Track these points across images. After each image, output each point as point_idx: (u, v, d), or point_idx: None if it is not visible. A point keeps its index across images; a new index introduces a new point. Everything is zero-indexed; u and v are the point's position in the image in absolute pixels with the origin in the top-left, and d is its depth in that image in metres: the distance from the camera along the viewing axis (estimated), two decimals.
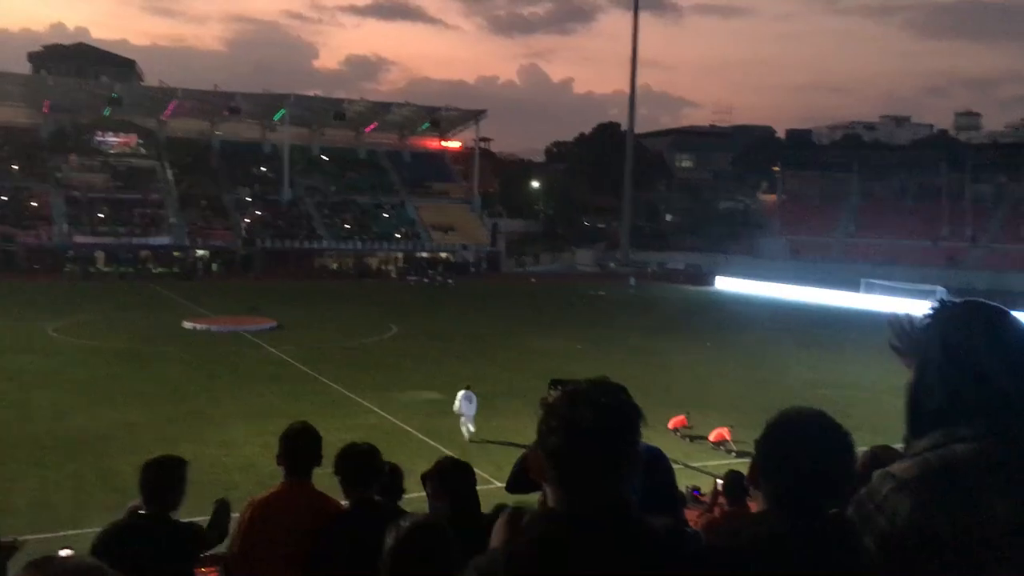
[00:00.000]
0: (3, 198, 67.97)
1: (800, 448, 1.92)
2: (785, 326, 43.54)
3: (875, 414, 16.00)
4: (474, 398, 20.01)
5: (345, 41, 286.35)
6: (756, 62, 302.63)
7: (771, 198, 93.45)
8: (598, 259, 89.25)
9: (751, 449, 2.08)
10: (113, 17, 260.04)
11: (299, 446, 4.35)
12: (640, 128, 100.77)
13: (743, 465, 10.29)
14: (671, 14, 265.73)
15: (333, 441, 4.41)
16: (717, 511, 8.64)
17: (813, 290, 59.34)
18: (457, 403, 19.91)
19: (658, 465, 3.75)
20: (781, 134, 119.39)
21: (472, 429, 19.63)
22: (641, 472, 1.77)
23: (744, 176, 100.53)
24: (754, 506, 2.13)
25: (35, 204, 68.82)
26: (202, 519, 4.74)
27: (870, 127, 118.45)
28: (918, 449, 1.72)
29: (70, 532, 11.19)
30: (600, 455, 1.67)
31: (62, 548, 4.45)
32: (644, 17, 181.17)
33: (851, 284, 58.72)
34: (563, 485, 1.71)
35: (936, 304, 1.83)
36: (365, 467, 4.34)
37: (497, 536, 2.24)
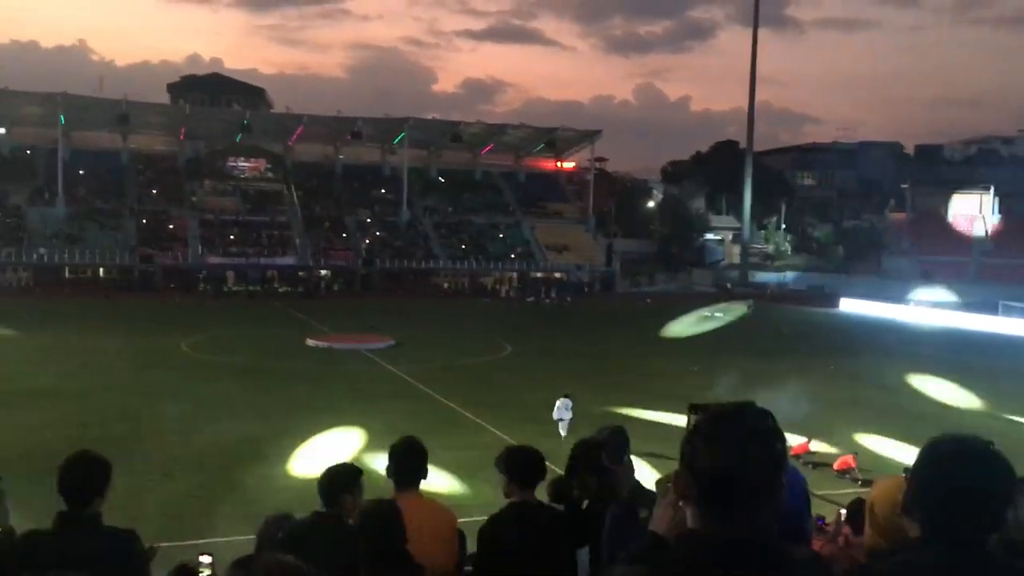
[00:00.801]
0: (143, 221, 72.02)
1: (960, 477, 1.83)
2: (915, 350, 41.54)
3: (1017, 443, 14.99)
4: (571, 405, 21.43)
5: (462, 65, 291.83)
6: (882, 76, 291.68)
7: (899, 216, 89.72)
8: (715, 280, 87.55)
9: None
10: (244, 48, 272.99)
11: (408, 460, 4.54)
12: (760, 145, 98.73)
13: (868, 494, 9.75)
14: (792, 29, 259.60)
15: (449, 460, 4.46)
16: (841, 541, 8.24)
17: (946, 312, 56.51)
18: (556, 409, 21.52)
19: (794, 490, 3.59)
20: (909, 150, 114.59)
21: (563, 434, 20.55)
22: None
23: (870, 194, 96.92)
24: (870, 537, 2.05)
25: (172, 227, 72.66)
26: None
27: (1008, 141, 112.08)
28: None
29: (199, 541, 11.59)
30: (747, 480, 1.66)
31: (201, 554, 4.59)
32: (764, 33, 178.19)
33: (988, 307, 55.66)
34: (707, 507, 1.71)
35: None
36: (535, 469, 4.53)
37: (661, 519, 2.16)
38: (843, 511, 8.53)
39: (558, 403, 21.70)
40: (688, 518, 1.76)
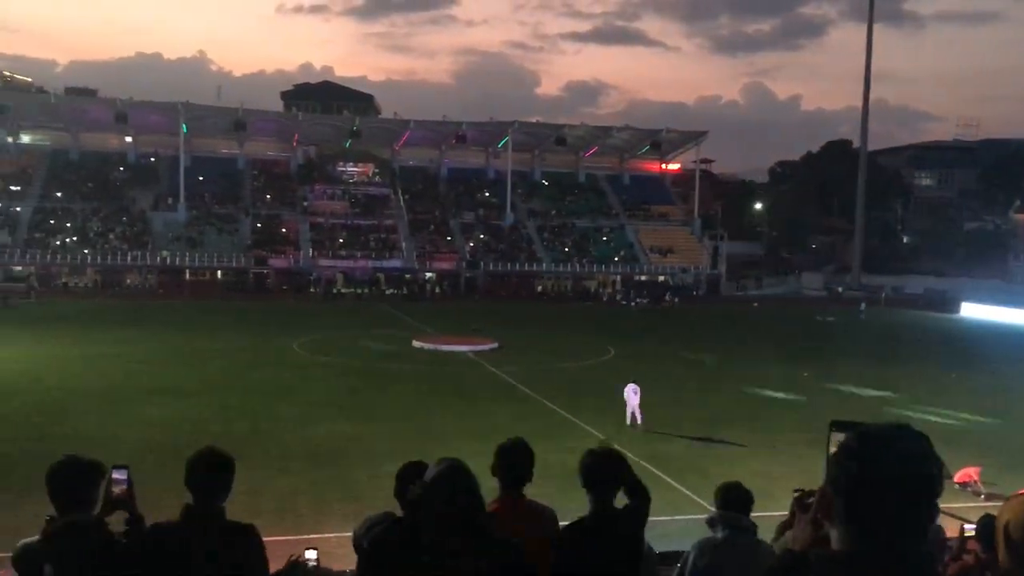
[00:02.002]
0: (258, 225, 74.76)
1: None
2: None
3: None
4: (639, 391, 22.95)
5: (566, 67, 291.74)
6: (1007, 71, 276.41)
7: None
8: (826, 283, 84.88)
9: (1003, 492, 1.90)
10: (354, 56, 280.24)
11: (515, 461, 4.49)
12: (874, 144, 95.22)
13: (994, 509, 9.28)
14: (910, 24, 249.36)
15: (554, 462, 4.47)
16: (971, 559, 7.86)
17: None
18: (625, 394, 23.11)
19: None
20: None
21: (630, 422, 22.85)
22: None
23: (993, 193, 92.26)
24: (1006, 562, 1.95)
25: (284, 230, 75.16)
26: None
27: None
28: None
29: (312, 536, 11.95)
30: (897, 502, 1.63)
31: (307, 548, 4.73)
32: (879, 28, 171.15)
33: None
34: (853, 528, 1.68)
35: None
36: (611, 475, 4.40)
37: (801, 536, 2.13)
38: (967, 526, 8.16)
39: (627, 388, 23.20)
40: (832, 539, 1.73)
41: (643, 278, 76.72)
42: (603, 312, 60.33)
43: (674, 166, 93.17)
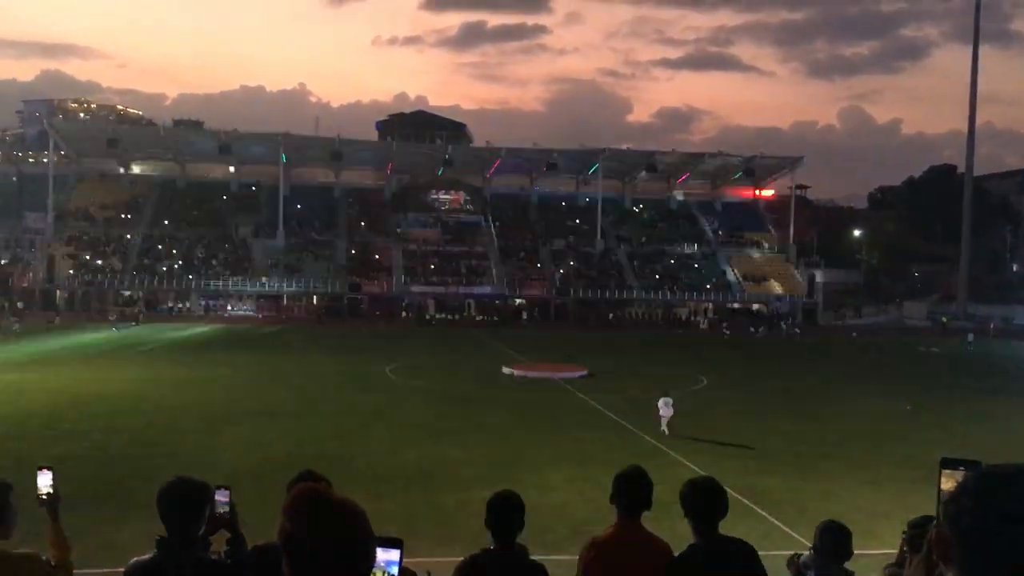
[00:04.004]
0: (352, 252, 76.47)
1: None
2: None
3: None
4: (671, 403, 24.64)
5: (658, 94, 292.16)
6: None
7: None
8: (930, 312, 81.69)
9: None
10: (447, 85, 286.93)
11: (635, 487, 4.61)
12: (981, 169, 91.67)
13: None
14: (1017, 44, 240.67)
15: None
16: None
17: None
18: (660, 406, 24.84)
19: None
20: None
21: (665, 430, 24.40)
22: None
23: None
24: None
25: (378, 257, 76.67)
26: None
27: None
28: None
29: (405, 560, 11.96)
30: (1021, 545, 1.53)
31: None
32: (986, 50, 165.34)
33: None
34: (971, 571, 1.58)
35: None
36: (716, 503, 4.44)
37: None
38: None
39: (660, 402, 24.88)
40: None
41: (736, 306, 75.33)
42: (696, 340, 59.36)
43: (768, 192, 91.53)
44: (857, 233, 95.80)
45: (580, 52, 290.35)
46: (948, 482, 1.94)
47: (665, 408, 24.85)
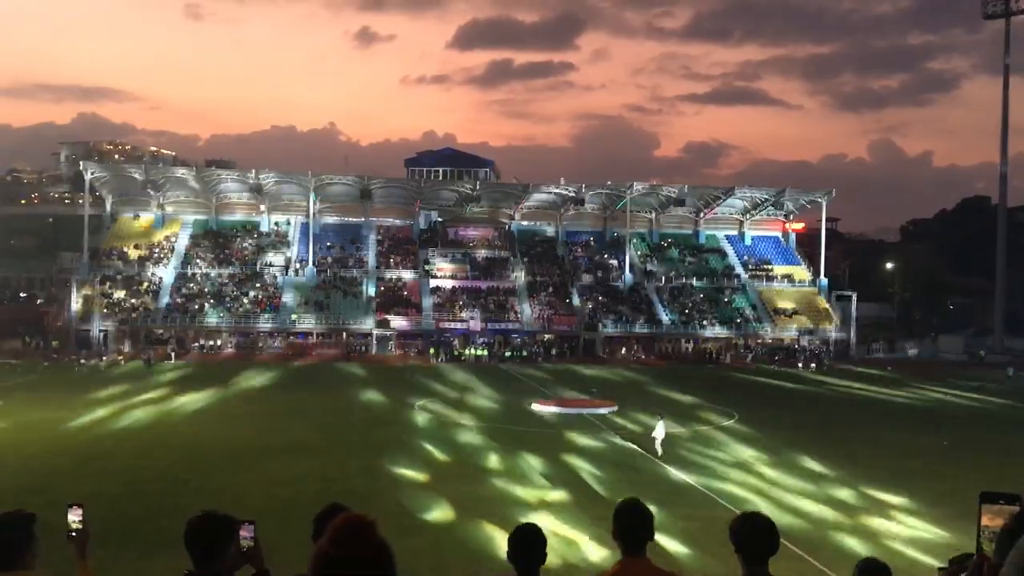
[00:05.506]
0: (381, 288, 76.88)
1: None
2: None
3: None
4: (663, 428, 27.40)
5: (685, 128, 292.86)
6: None
7: None
8: (966, 346, 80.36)
9: None
10: (475, 123, 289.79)
11: (635, 522, 4.43)
12: (1015, 201, 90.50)
13: None
14: None
15: (672, 528, 4.34)
16: None
17: None
18: (655, 429, 27.38)
19: None
20: None
21: (659, 451, 26.47)
22: None
23: None
24: None
25: (406, 293, 76.98)
26: None
27: None
28: None
29: None
30: None
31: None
32: (1016, 80, 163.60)
33: None
34: None
35: None
36: (770, 542, 4.27)
37: None
38: None
39: (658, 423, 27.49)
40: None
41: (767, 340, 74.63)
42: (726, 375, 58.83)
43: (798, 225, 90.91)
44: (889, 266, 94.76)
45: (607, 88, 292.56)
46: (989, 516, 1.90)
47: (661, 431, 27.18)
